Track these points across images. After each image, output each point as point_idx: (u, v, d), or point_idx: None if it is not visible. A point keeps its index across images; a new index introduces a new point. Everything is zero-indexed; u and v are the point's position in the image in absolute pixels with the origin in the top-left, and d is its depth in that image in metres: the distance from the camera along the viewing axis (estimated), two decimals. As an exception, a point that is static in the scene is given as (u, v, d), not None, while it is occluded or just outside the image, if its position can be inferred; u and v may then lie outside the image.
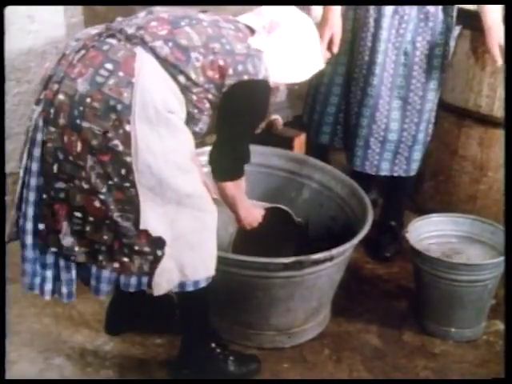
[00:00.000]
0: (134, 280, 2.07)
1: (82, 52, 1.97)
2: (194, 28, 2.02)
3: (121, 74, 1.92)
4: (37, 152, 2.00)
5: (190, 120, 2.06)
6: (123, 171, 1.95)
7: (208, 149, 2.21)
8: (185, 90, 2.00)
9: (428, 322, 2.62)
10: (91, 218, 2.01)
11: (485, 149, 3.03)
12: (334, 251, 2.34)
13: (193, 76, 1.98)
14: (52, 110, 1.96)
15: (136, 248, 2.02)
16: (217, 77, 2.00)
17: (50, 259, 2.09)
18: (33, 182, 2.03)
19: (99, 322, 2.54)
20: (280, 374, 2.41)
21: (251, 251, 2.34)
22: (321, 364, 2.46)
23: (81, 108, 1.92)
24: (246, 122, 2.11)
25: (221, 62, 1.99)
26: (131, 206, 1.99)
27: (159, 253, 2.03)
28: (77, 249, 2.05)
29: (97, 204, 1.98)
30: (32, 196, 2.04)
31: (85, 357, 2.42)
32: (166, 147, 1.98)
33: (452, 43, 2.83)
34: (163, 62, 1.97)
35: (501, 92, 2.88)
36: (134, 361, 2.42)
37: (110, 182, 1.96)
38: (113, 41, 1.98)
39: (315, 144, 3.06)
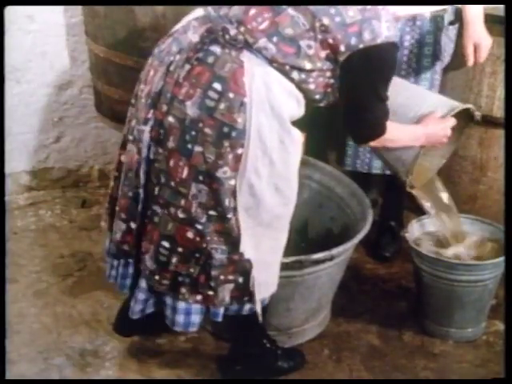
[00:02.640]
0: (221, 310, 2.06)
1: (187, 67, 1.87)
2: (297, 8, 1.84)
3: (231, 95, 1.83)
4: (143, 168, 1.96)
5: (311, 103, 1.97)
6: (227, 201, 1.89)
7: None
8: (301, 84, 1.89)
9: (428, 322, 2.62)
10: (180, 249, 1.96)
11: (485, 149, 3.03)
12: (334, 251, 2.34)
13: (308, 66, 1.85)
14: (162, 131, 1.90)
15: (222, 278, 1.98)
16: (329, 52, 1.86)
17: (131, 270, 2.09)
18: (141, 193, 1.99)
19: (99, 322, 2.54)
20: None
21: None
22: (321, 364, 2.46)
23: (193, 133, 1.86)
24: (372, 87, 1.96)
25: (330, 41, 1.84)
26: (227, 237, 1.94)
27: (240, 280, 2.00)
28: (157, 277, 2.01)
29: (190, 235, 1.93)
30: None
31: (85, 357, 2.42)
32: (274, 172, 1.93)
33: (451, 44, 2.80)
34: (270, 62, 1.85)
35: (500, 92, 2.88)
36: (134, 361, 2.42)
37: (211, 213, 1.91)
38: (217, 49, 1.86)
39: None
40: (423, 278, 2.56)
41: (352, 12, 1.84)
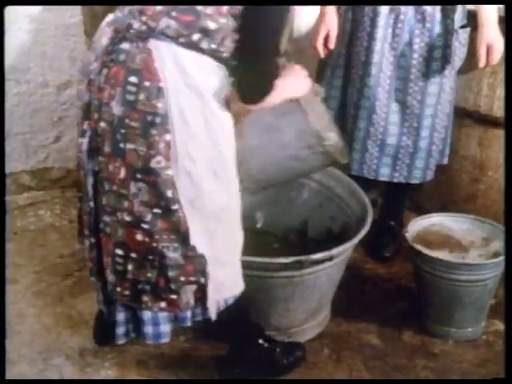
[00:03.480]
0: (188, 314, 2.04)
1: (105, 71, 1.89)
2: None
3: (147, 84, 1.84)
4: (90, 181, 1.97)
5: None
6: (169, 192, 1.88)
7: None
8: (214, 54, 1.88)
9: (428, 322, 2.62)
10: (133, 255, 1.94)
11: (484, 148, 3.03)
12: (334, 251, 2.34)
13: (212, 26, 1.84)
14: (99, 139, 1.92)
15: (182, 279, 1.96)
16: (227, 8, 1.84)
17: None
18: (92, 206, 1.99)
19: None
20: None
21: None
22: (321, 364, 2.46)
23: (122, 131, 1.87)
24: (263, 35, 1.90)
25: None
26: (177, 234, 1.92)
27: (202, 280, 1.98)
28: (118, 289, 2.00)
29: (139, 237, 1.92)
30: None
31: (85, 357, 2.41)
32: (207, 155, 1.92)
33: (462, 48, 2.74)
34: (176, 39, 1.85)
35: (500, 92, 2.88)
36: (133, 361, 2.42)
37: (156, 211, 1.90)
38: (126, 45, 1.88)
39: None
40: (423, 277, 2.56)
41: None
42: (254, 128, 2.17)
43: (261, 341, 2.32)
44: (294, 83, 2.17)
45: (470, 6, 2.75)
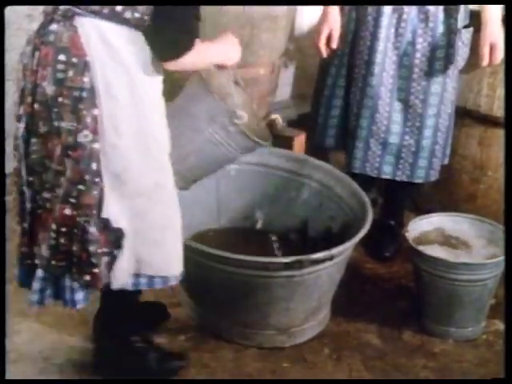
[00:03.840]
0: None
1: (36, 54, 1.92)
2: None
3: (75, 60, 1.87)
4: (25, 165, 2.00)
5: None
6: (94, 165, 1.91)
7: None
8: (138, 24, 1.88)
9: (428, 322, 2.62)
10: (63, 228, 1.98)
11: (485, 148, 3.03)
12: (334, 250, 2.34)
13: None
14: (34, 120, 1.94)
15: (99, 251, 1.98)
16: None
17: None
18: (26, 191, 2.02)
19: (99, 321, 2.54)
20: (280, 373, 2.41)
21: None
22: (321, 364, 2.46)
23: (55, 110, 1.89)
24: None
25: None
26: (97, 209, 1.94)
27: (116, 252, 2.00)
28: (53, 262, 2.02)
29: (67, 211, 1.95)
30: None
31: (85, 357, 2.41)
32: (136, 129, 1.92)
33: (464, 48, 2.75)
34: (98, 13, 1.86)
35: (500, 91, 2.88)
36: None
37: (80, 187, 1.92)
38: (54, 26, 1.90)
39: (320, 147, 3.04)
40: (423, 277, 2.57)
41: None
42: (168, 117, 2.15)
43: (134, 338, 2.30)
44: (221, 49, 2.17)
45: (472, 6, 2.76)
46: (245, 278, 2.35)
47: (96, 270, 2.00)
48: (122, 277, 2.04)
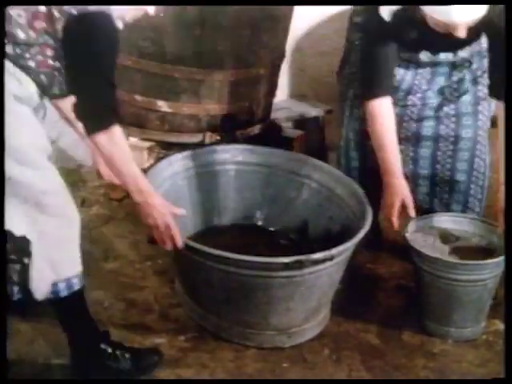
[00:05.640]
0: (15, 289, 2.03)
1: None
2: None
3: None
4: None
5: (43, 88, 1.93)
6: None
7: None
8: (19, 60, 1.85)
9: (428, 322, 2.62)
10: None
11: (485, 148, 3.02)
12: (334, 251, 2.34)
13: (21, 36, 1.83)
14: None
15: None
16: (46, 25, 1.85)
17: None
18: None
19: (99, 321, 2.53)
20: (280, 373, 2.41)
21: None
22: (320, 364, 2.46)
23: None
24: (94, 61, 1.91)
25: (42, 8, 1.84)
26: None
27: (26, 260, 1.98)
28: None
29: None
30: None
31: (85, 357, 2.41)
32: (8, 143, 1.87)
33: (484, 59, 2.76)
34: None
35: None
36: (133, 361, 2.42)
37: None
38: None
39: None
40: (423, 277, 2.56)
41: None
42: None
43: (102, 345, 2.27)
44: (135, 180, 2.12)
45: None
46: (244, 278, 2.35)
47: None
48: (42, 285, 2.02)
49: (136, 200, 2.12)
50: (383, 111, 2.57)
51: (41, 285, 2.03)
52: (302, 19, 3.54)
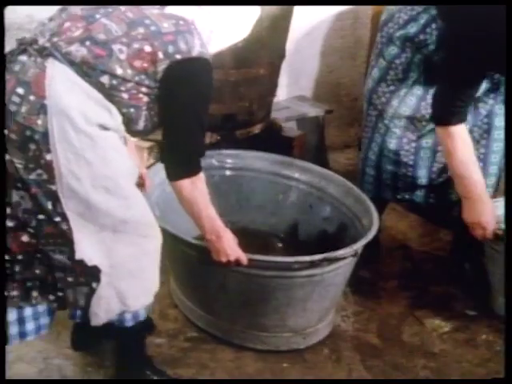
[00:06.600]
0: (78, 312, 2.00)
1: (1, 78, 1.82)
2: (110, 17, 1.85)
3: (32, 97, 1.78)
4: None
5: (129, 121, 1.91)
6: (49, 204, 1.83)
7: None
8: (112, 91, 1.83)
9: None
10: (20, 257, 1.90)
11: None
12: (356, 246, 2.31)
13: (118, 72, 1.81)
14: None
15: (70, 280, 1.92)
16: (146, 65, 1.83)
17: None
18: None
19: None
20: (280, 373, 2.41)
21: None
22: (320, 364, 2.46)
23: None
24: (191, 107, 1.93)
25: (147, 48, 1.83)
26: (64, 239, 1.87)
27: (94, 285, 1.93)
28: (6, 293, 1.93)
29: (25, 239, 1.86)
30: None
31: (84, 356, 2.41)
32: (94, 172, 1.83)
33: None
34: (80, 66, 1.81)
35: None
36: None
37: (40, 217, 1.84)
38: (24, 58, 1.84)
39: None
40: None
41: (166, 24, 1.86)
42: None
43: (148, 372, 2.27)
44: (212, 222, 2.13)
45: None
46: (266, 280, 2.30)
47: (60, 294, 1.94)
48: (103, 314, 1.99)
49: (208, 238, 2.14)
50: (465, 135, 2.42)
51: (102, 313, 1.99)
52: (302, 19, 3.54)
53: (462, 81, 2.36)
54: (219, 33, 2.02)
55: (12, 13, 2.84)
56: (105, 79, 1.83)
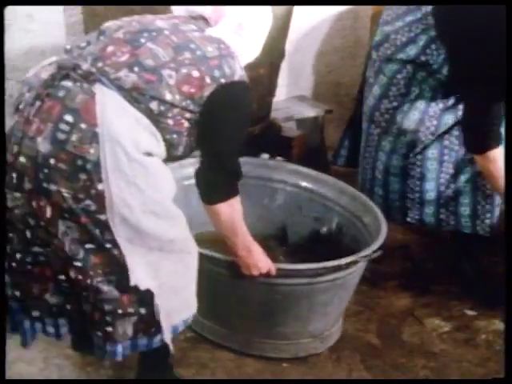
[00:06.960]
0: (120, 348, 1.92)
1: (37, 104, 1.78)
2: (156, 42, 1.84)
3: (83, 125, 1.74)
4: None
5: (170, 146, 1.89)
6: (97, 231, 1.80)
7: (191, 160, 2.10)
8: (159, 117, 1.82)
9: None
10: (67, 291, 1.88)
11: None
12: (378, 244, 2.30)
13: (168, 97, 1.81)
14: (14, 175, 1.79)
15: (120, 312, 1.87)
16: (193, 91, 1.83)
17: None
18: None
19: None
20: (280, 373, 2.41)
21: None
22: (320, 364, 2.46)
23: (45, 170, 1.76)
24: (231, 131, 1.94)
25: (195, 73, 1.83)
26: (113, 267, 1.84)
27: (142, 311, 1.90)
28: (68, 307, 1.91)
29: (72, 274, 1.83)
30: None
31: (84, 357, 2.41)
32: (145, 199, 1.82)
33: None
34: (129, 92, 1.79)
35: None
36: (133, 361, 2.41)
37: (88, 246, 1.82)
38: (68, 83, 1.79)
39: None
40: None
41: (210, 47, 1.88)
42: None
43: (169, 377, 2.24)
44: (247, 246, 2.14)
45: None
46: (290, 288, 2.28)
47: (109, 329, 1.88)
48: (167, 332, 1.95)
49: (240, 254, 2.14)
50: (501, 157, 2.38)
51: (168, 331, 1.96)
52: (302, 19, 3.54)
53: (488, 101, 2.34)
54: (245, 56, 2.04)
55: (12, 13, 2.84)
56: (154, 105, 1.81)
